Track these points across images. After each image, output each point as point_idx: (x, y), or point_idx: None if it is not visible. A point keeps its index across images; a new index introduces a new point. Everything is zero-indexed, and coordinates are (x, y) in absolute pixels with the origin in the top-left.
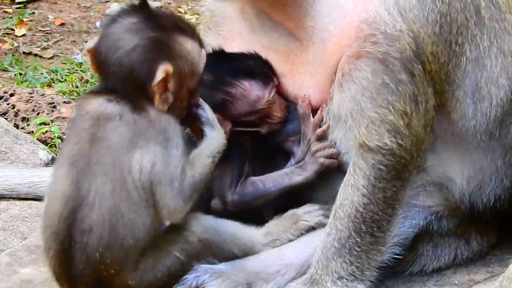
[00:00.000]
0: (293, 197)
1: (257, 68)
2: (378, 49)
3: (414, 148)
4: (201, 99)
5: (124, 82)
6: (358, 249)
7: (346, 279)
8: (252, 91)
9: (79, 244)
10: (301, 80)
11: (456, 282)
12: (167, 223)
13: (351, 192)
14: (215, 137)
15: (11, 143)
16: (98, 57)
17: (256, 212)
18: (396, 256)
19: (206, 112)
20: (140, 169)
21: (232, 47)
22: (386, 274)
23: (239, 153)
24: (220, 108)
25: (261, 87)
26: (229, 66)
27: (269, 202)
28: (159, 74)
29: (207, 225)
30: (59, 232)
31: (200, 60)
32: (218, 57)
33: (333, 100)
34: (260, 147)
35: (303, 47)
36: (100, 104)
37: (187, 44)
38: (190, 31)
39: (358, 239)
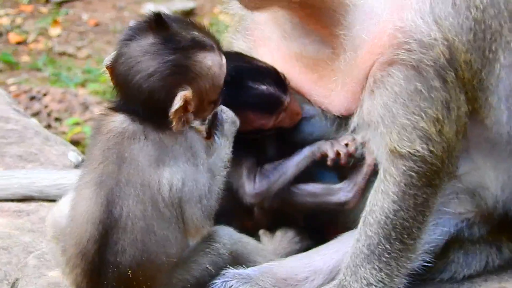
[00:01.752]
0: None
1: (265, 97)
2: (412, 56)
3: (445, 155)
4: (222, 106)
5: (144, 105)
6: (388, 256)
7: (375, 285)
8: (256, 121)
9: (111, 264)
10: (330, 87)
11: None
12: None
13: (381, 198)
14: (225, 145)
15: (41, 144)
16: (117, 77)
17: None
18: (426, 264)
19: (222, 118)
20: (170, 188)
21: (262, 52)
22: (416, 281)
23: (250, 146)
24: None
25: (266, 116)
26: (236, 94)
27: (288, 184)
28: (177, 102)
29: (235, 236)
30: (87, 252)
31: (221, 71)
32: (231, 79)
33: (364, 107)
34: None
35: (334, 54)
36: (122, 122)
37: (207, 61)
38: (210, 44)
39: (388, 246)
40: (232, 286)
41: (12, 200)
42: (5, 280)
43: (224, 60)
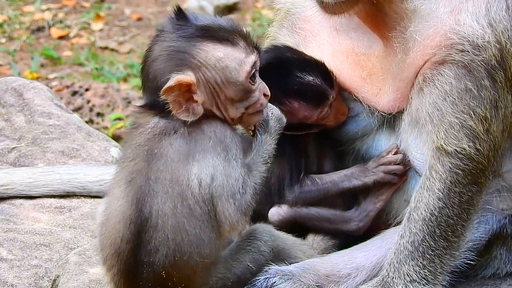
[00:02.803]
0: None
1: (311, 87)
2: (465, 57)
3: (491, 153)
4: (269, 103)
5: (152, 93)
6: (432, 253)
7: (418, 282)
8: (300, 111)
9: (145, 264)
10: (379, 85)
11: None
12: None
13: (426, 195)
14: (267, 141)
15: (83, 140)
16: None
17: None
18: (469, 262)
19: (267, 114)
20: (199, 183)
21: (311, 47)
22: (458, 278)
23: (294, 149)
24: None
25: (311, 108)
26: (283, 82)
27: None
28: (169, 82)
29: (275, 233)
30: (122, 252)
31: (241, 67)
32: (278, 68)
33: (412, 104)
34: (315, 144)
35: (385, 52)
36: (153, 118)
37: (217, 52)
38: (230, 39)
39: (432, 243)
40: (274, 283)
41: (54, 196)
42: (46, 276)
43: (251, 59)
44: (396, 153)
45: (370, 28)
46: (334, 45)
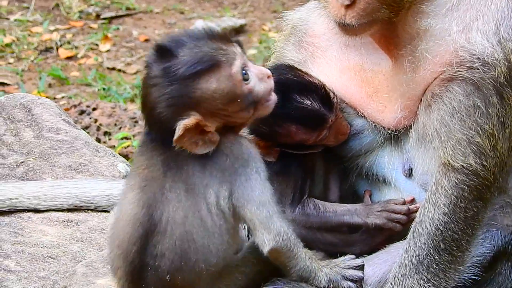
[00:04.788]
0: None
1: (309, 112)
2: (474, 74)
3: (497, 169)
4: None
5: (160, 132)
6: (436, 267)
7: None
8: (297, 135)
9: (150, 267)
10: (385, 102)
11: None
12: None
13: (432, 210)
14: None
15: (90, 155)
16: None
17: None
18: (473, 277)
19: None
20: (217, 198)
21: (319, 63)
22: None
23: (301, 167)
24: (266, 138)
25: (308, 132)
26: (281, 105)
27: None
28: (177, 132)
29: None
30: (128, 254)
31: (233, 81)
32: (276, 91)
33: (419, 121)
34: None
35: (394, 71)
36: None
37: (210, 84)
38: (214, 62)
39: (437, 257)
40: None
41: (62, 210)
42: None
43: (236, 65)
44: (403, 203)
45: (381, 46)
46: (343, 61)
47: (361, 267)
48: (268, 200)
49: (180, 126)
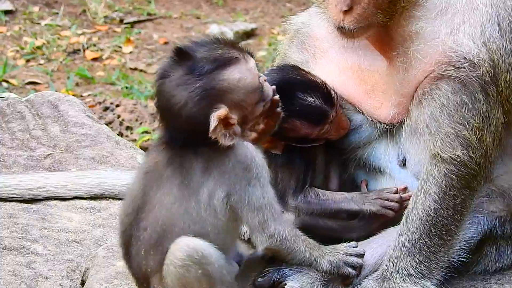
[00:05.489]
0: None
1: (312, 108)
2: (461, 73)
3: (483, 160)
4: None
5: (188, 134)
6: (427, 250)
7: (414, 276)
8: (302, 129)
9: (135, 238)
10: (381, 99)
11: None
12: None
13: (423, 197)
14: None
15: (112, 148)
16: (160, 113)
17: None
18: (461, 259)
19: None
20: (209, 196)
21: (320, 63)
22: (451, 273)
23: (303, 160)
24: (274, 132)
25: (312, 126)
26: (286, 102)
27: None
28: (213, 123)
29: None
30: (124, 225)
31: (251, 75)
32: (282, 89)
33: (412, 116)
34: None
35: (388, 70)
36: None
37: (234, 75)
38: (234, 57)
39: (428, 241)
40: (285, 274)
41: (85, 198)
42: (77, 270)
43: (251, 62)
44: (396, 192)
45: (376, 48)
46: (341, 61)
47: (361, 255)
48: (265, 204)
49: (214, 117)
